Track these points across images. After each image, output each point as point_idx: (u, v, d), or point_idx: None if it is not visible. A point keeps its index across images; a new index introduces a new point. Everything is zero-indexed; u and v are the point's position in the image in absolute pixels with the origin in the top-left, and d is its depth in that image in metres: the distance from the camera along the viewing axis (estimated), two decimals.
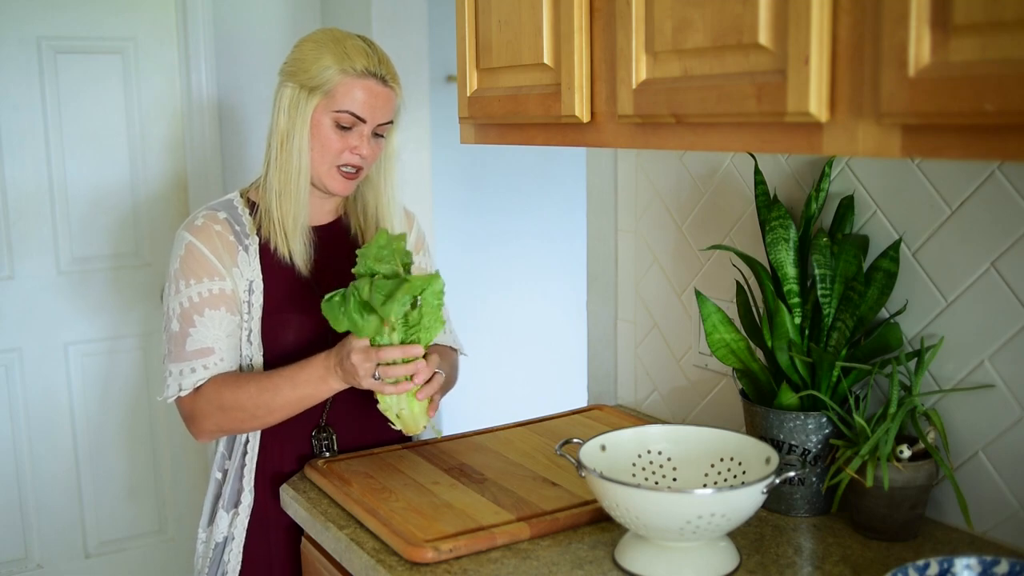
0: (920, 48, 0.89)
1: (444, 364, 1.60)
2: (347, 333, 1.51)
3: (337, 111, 1.60)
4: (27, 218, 2.76)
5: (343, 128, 1.61)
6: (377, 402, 1.53)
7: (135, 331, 2.95)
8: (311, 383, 1.55)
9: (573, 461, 1.30)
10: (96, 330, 2.90)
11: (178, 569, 3.05)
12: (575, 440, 1.39)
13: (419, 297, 1.47)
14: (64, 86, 2.77)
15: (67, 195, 2.80)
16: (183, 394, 1.59)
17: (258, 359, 1.65)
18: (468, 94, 1.60)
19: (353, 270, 1.49)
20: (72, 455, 2.88)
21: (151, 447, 3.01)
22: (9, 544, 2.82)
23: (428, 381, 1.51)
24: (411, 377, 1.49)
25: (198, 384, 1.59)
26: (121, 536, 2.99)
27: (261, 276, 1.64)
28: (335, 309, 1.46)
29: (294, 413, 1.60)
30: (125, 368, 2.96)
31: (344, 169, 1.64)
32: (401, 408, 1.52)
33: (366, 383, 1.49)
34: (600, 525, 1.41)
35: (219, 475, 1.70)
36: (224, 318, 1.61)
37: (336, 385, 1.54)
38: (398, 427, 1.54)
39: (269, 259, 1.65)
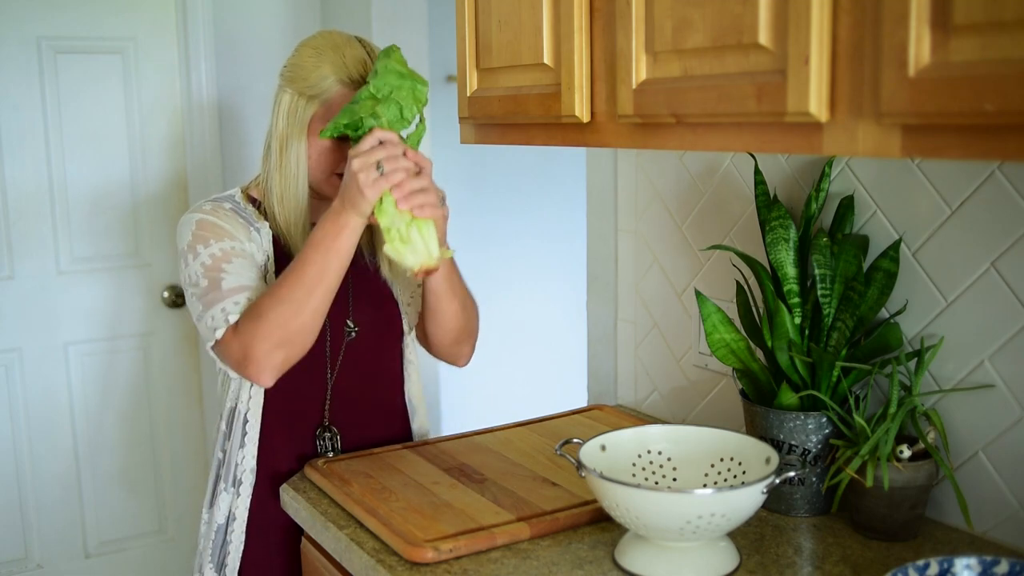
0: (920, 48, 0.89)
1: (469, 301, 1.66)
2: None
3: None
4: (27, 218, 2.76)
5: (340, 137, 1.61)
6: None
7: (135, 331, 2.95)
8: (328, 230, 1.48)
9: (573, 461, 1.30)
10: (96, 330, 2.90)
11: (178, 569, 3.05)
12: (575, 440, 1.39)
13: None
14: (64, 86, 2.77)
15: (67, 195, 2.80)
16: (231, 319, 1.52)
17: None
18: (468, 94, 1.60)
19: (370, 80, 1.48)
20: (72, 455, 2.88)
21: (151, 447, 3.01)
22: (9, 544, 2.82)
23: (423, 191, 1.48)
24: (419, 172, 1.48)
25: (241, 307, 1.53)
26: (121, 536, 2.99)
27: (274, 260, 1.63)
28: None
29: (332, 286, 1.52)
30: (125, 368, 2.95)
31: (342, 177, 1.63)
32: (411, 232, 1.45)
33: (370, 190, 1.43)
34: (600, 525, 1.41)
35: (220, 454, 1.68)
36: (252, 267, 1.58)
37: (352, 218, 1.47)
38: (410, 263, 1.46)
39: (279, 249, 1.65)
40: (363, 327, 1.72)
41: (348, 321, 1.72)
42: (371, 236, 1.75)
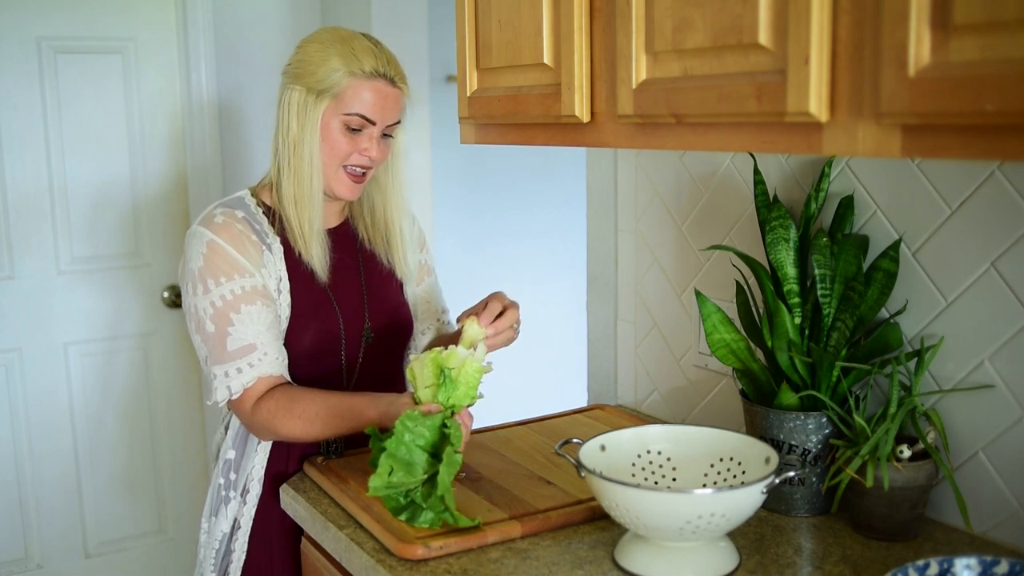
0: (920, 48, 0.89)
1: None
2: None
3: (347, 114, 1.57)
4: (27, 218, 2.76)
5: (352, 130, 1.59)
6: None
7: (135, 331, 2.95)
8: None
9: (573, 461, 1.30)
10: (96, 330, 2.90)
11: (178, 569, 3.05)
12: (575, 440, 1.39)
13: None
14: (64, 86, 2.77)
15: (67, 195, 2.80)
16: (234, 397, 1.55)
17: None
18: (468, 94, 1.60)
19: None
20: (72, 455, 2.88)
21: (151, 447, 3.01)
22: (9, 544, 2.82)
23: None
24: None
25: (248, 385, 1.55)
26: (121, 536, 2.99)
27: (288, 277, 1.62)
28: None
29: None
30: (125, 368, 2.96)
31: (352, 170, 1.62)
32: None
33: None
34: (600, 524, 1.41)
35: (225, 463, 1.68)
36: (261, 312, 1.56)
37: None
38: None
39: (292, 261, 1.62)
40: (379, 332, 1.72)
41: (365, 327, 1.71)
42: (385, 237, 1.75)
